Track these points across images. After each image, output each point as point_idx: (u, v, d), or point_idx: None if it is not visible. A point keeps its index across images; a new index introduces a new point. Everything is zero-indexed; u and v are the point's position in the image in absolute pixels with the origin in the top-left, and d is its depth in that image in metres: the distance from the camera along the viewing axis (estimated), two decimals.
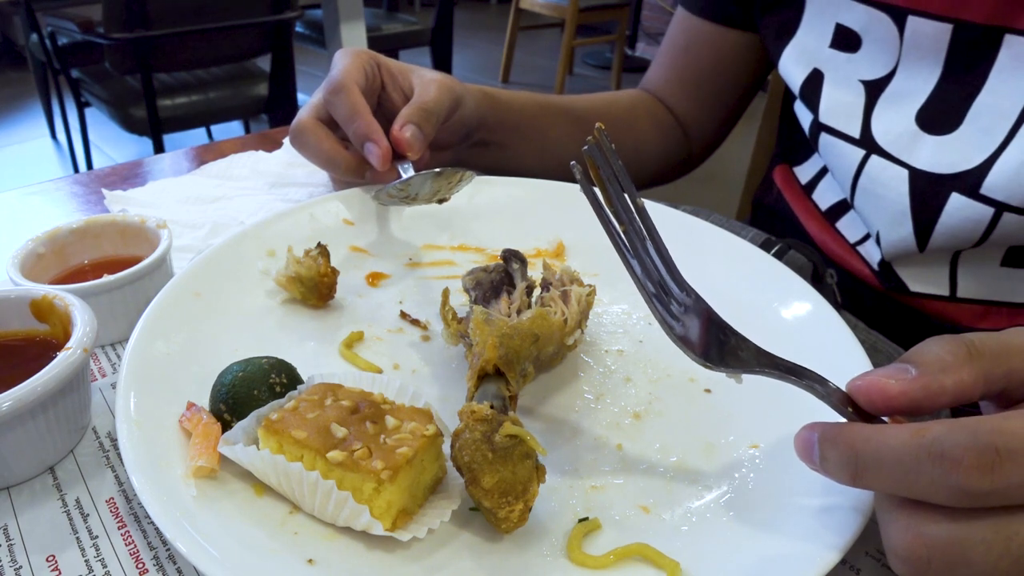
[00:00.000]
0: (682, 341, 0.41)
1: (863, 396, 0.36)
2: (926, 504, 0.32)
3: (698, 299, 0.43)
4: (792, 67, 0.73)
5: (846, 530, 0.38)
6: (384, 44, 3.68)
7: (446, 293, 0.54)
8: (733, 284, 0.59)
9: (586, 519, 0.42)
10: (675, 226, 0.66)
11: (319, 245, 0.60)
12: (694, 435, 0.48)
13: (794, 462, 0.45)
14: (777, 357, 0.41)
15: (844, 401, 0.37)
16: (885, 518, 0.34)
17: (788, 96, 0.83)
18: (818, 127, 0.71)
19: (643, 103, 0.93)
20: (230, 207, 0.81)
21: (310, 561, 0.38)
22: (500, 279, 0.56)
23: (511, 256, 0.59)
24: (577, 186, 0.71)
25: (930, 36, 0.61)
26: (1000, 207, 0.58)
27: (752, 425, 0.49)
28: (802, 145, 0.81)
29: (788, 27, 0.74)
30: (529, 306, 0.53)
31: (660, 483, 0.45)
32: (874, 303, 0.72)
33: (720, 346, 0.41)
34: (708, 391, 0.52)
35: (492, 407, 0.41)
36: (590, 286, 0.55)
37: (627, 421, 0.50)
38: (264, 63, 2.81)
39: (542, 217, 0.70)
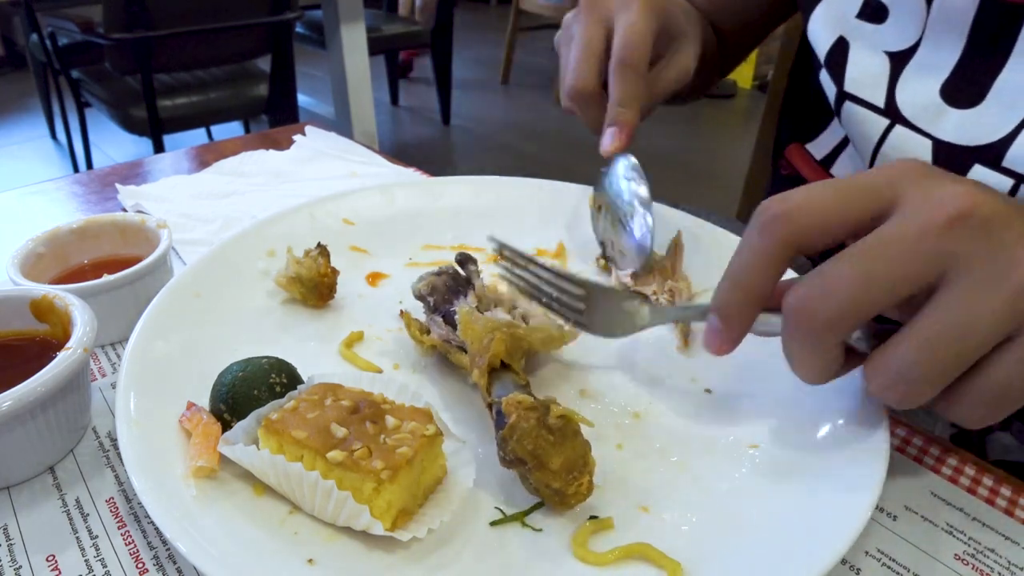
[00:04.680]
0: (580, 325, 0.50)
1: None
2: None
3: (594, 285, 0.50)
4: (820, 31, 0.73)
5: (846, 530, 0.38)
6: (384, 45, 3.68)
7: (407, 316, 0.54)
8: None
9: (596, 517, 0.42)
10: (675, 226, 0.66)
11: (319, 245, 0.60)
12: (694, 435, 0.48)
13: (794, 462, 0.45)
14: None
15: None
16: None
17: (796, 72, 0.82)
18: (843, 96, 0.71)
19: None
20: (241, 203, 0.81)
21: (310, 561, 0.38)
22: (455, 283, 0.56)
23: (465, 259, 0.59)
24: (577, 186, 0.72)
25: (957, 9, 0.61)
26: (1020, 179, 0.58)
27: (752, 425, 0.49)
28: (815, 119, 0.81)
29: None
30: (488, 305, 0.54)
31: (660, 483, 0.45)
32: None
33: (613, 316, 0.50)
34: (708, 391, 0.52)
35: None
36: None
37: (627, 421, 0.50)
38: (264, 64, 2.81)
39: (542, 217, 0.70)
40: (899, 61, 0.66)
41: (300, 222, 0.66)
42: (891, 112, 0.66)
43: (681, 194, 0.80)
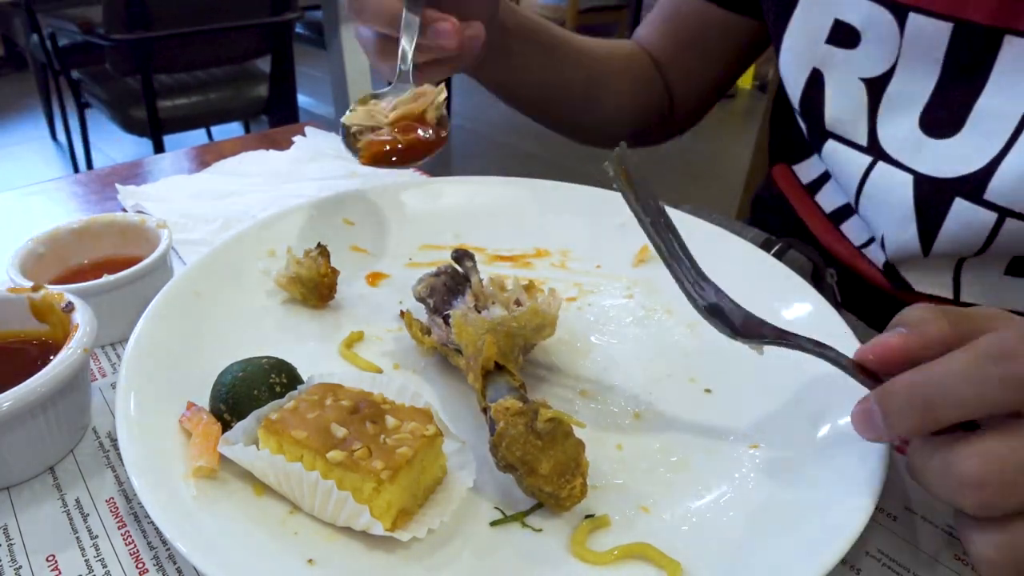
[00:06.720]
0: (709, 313, 0.45)
1: (870, 354, 0.39)
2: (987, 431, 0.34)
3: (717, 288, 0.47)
4: (791, 65, 0.72)
5: (846, 530, 0.38)
6: None
7: (409, 317, 0.54)
8: (733, 284, 0.59)
9: (592, 516, 0.42)
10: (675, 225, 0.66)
11: (319, 245, 0.60)
12: (694, 435, 0.48)
13: (794, 462, 0.45)
14: (792, 333, 0.44)
15: (857, 368, 0.40)
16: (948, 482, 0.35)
17: (781, 93, 0.82)
18: (824, 134, 0.70)
19: (637, 58, 0.92)
20: (241, 202, 0.81)
21: (310, 561, 0.38)
22: (454, 282, 0.56)
23: (462, 256, 0.59)
24: (578, 186, 0.72)
25: (930, 35, 0.60)
26: (1003, 212, 0.57)
27: (752, 425, 0.49)
28: (799, 144, 0.80)
29: (785, 9, 0.73)
30: (486, 302, 0.54)
31: (660, 483, 0.45)
32: (879, 304, 0.72)
33: (745, 319, 0.45)
34: (708, 391, 0.52)
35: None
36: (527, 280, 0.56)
37: (627, 421, 0.50)
38: (264, 64, 2.81)
39: (542, 217, 0.70)
40: (876, 89, 0.65)
41: (300, 222, 0.66)
42: (874, 149, 0.65)
43: (681, 194, 0.80)
